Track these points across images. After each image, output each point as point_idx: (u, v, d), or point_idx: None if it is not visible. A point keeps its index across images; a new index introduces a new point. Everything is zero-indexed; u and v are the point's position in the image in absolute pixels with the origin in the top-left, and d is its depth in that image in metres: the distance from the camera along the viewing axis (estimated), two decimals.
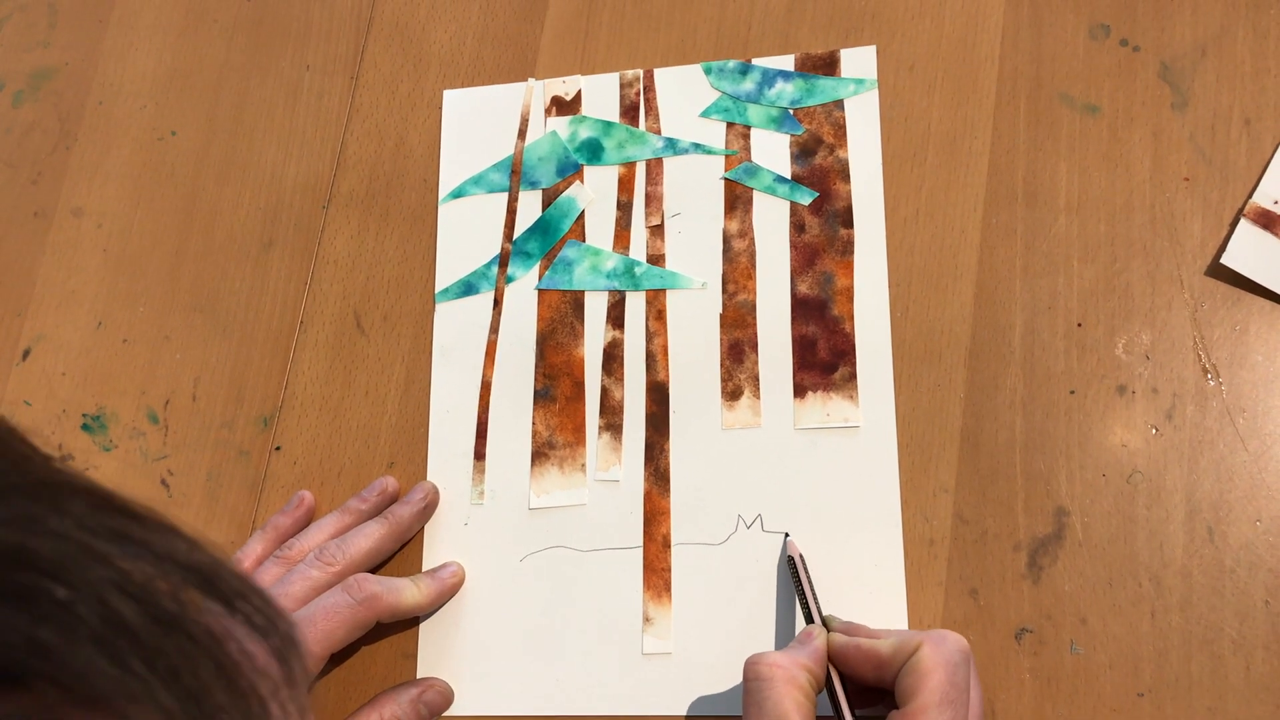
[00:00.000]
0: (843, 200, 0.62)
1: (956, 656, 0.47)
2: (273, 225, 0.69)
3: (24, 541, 0.21)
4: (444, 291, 0.65)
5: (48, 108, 0.75)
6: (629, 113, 0.66)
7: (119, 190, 0.72)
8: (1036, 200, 0.60)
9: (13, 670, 0.20)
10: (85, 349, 0.69)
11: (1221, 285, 0.57)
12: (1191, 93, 0.59)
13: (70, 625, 0.21)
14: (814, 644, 0.50)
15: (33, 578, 0.21)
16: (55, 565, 0.21)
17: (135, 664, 0.21)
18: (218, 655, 0.23)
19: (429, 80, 0.70)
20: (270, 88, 0.72)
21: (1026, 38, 0.62)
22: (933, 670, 0.46)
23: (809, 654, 0.50)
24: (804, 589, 0.54)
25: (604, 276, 0.63)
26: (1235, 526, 0.53)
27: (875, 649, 0.49)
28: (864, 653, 0.49)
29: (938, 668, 0.46)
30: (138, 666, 0.21)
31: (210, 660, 0.23)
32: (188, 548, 0.24)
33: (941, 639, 0.48)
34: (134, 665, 0.21)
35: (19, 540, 0.21)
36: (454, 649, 0.59)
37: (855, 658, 0.49)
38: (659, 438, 0.60)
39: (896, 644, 0.48)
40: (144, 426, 0.67)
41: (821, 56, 0.64)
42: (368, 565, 0.58)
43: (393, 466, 0.63)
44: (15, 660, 0.20)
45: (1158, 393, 0.56)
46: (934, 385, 0.58)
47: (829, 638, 0.51)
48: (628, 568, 0.59)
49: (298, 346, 0.66)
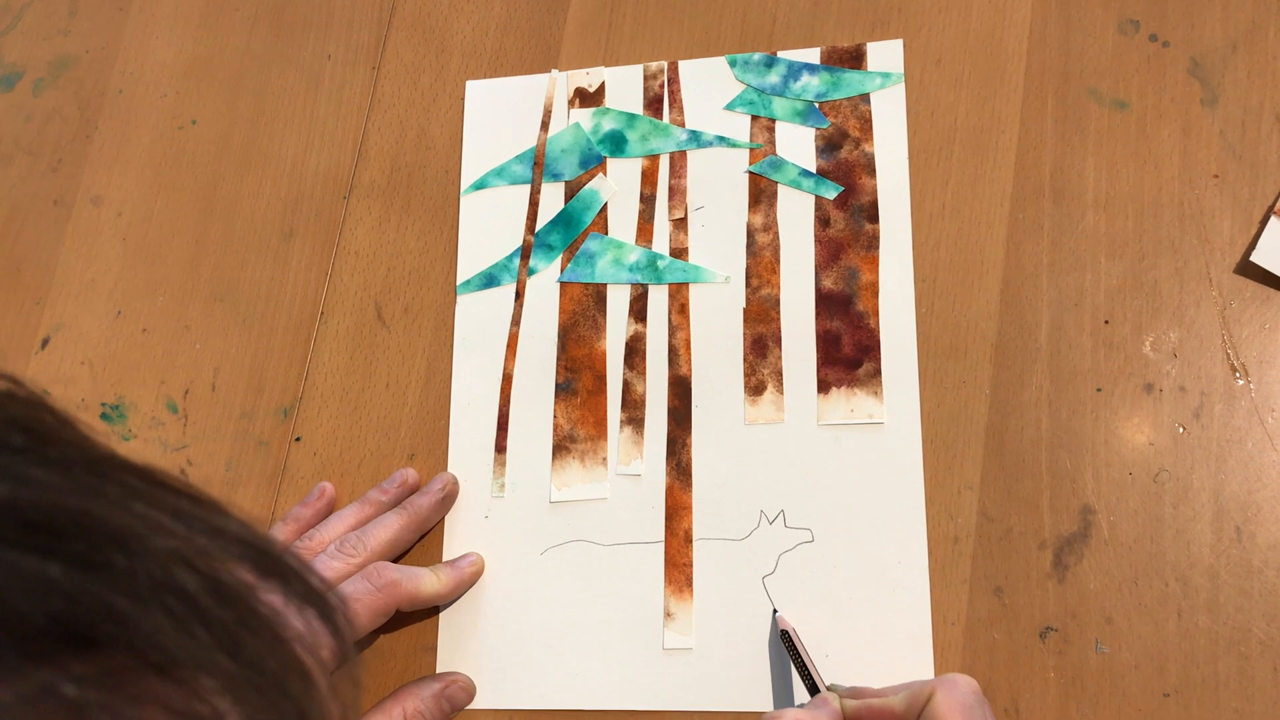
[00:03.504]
0: (868, 195, 0.61)
1: (970, 699, 0.47)
2: (293, 215, 0.69)
3: (91, 510, 0.22)
4: (465, 283, 0.65)
5: (68, 96, 0.75)
6: (653, 105, 0.66)
7: (139, 179, 0.72)
8: (1064, 196, 0.59)
9: (88, 634, 0.21)
10: (105, 338, 0.69)
11: (1251, 283, 0.56)
12: (1221, 89, 0.59)
13: (139, 592, 0.21)
14: (831, 707, 0.50)
15: (101, 545, 0.21)
16: (122, 534, 0.22)
17: (199, 631, 0.22)
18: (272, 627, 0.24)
19: (451, 71, 0.69)
20: (291, 77, 0.72)
21: (1055, 32, 0.62)
22: (949, 717, 0.46)
23: (829, 715, 0.49)
24: (804, 661, 0.53)
25: (626, 270, 0.63)
26: (1264, 526, 0.53)
27: (888, 707, 0.49)
28: (877, 712, 0.49)
29: (955, 713, 0.46)
30: (201, 634, 0.22)
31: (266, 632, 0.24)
32: (239, 526, 0.25)
33: (953, 684, 0.48)
34: (198, 633, 0.22)
35: (86, 508, 0.22)
36: (474, 642, 0.59)
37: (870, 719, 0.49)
38: (681, 432, 0.60)
39: (909, 698, 0.48)
40: (163, 416, 0.67)
41: (848, 50, 0.64)
42: (388, 556, 0.58)
43: (413, 459, 0.63)
44: (90, 624, 0.21)
45: (1185, 391, 0.55)
46: (959, 382, 0.58)
47: (841, 703, 0.50)
48: (649, 562, 0.58)
49: (318, 337, 0.66)
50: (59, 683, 0.20)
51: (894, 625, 0.55)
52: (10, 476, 0.21)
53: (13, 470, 0.22)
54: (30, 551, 0.20)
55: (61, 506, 0.22)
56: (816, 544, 0.57)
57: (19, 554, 0.20)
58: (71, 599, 0.21)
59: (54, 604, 0.20)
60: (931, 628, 0.55)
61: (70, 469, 0.22)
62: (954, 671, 0.54)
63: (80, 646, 0.21)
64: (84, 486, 0.22)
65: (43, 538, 0.21)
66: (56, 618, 0.20)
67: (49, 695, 0.20)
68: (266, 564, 0.25)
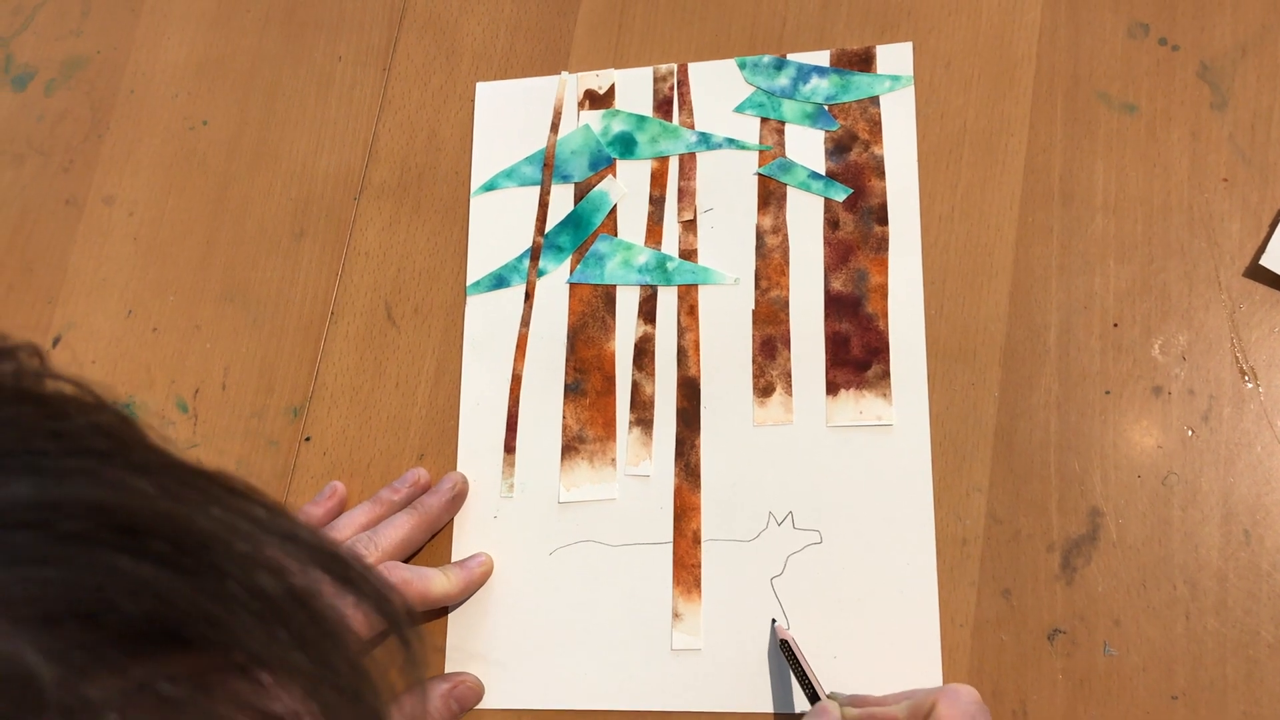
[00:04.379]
0: (877, 197, 0.61)
1: (973, 708, 0.48)
2: (304, 216, 0.69)
3: (176, 514, 0.22)
4: (475, 284, 0.65)
5: (80, 96, 0.75)
6: (662, 107, 0.66)
7: (150, 179, 0.72)
8: (1073, 199, 0.59)
9: (180, 633, 0.21)
10: (115, 337, 0.69)
11: (1260, 287, 0.56)
12: (1231, 92, 0.59)
13: (226, 594, 0.22)
14: (832, 716, 0.50)
15: (189, 548, 0.22)
16: (206, 539, 0.23)
17: (280, 633, 0.23)
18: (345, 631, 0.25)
19: (461, 72, 0.70)
20: (302, 78, 0.72)
21: (1064, 35, 0.62)
22: None
23: None
24: (804, 670, 0.53)
25: (636, 271, 0.63)
26: (1272, 530, 0.53)
27: (890, 716, 0.49)
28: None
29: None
30: (282, 635, 0.23)
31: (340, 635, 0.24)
32: (308, 533, 0.25)
33: (955, 694, 0.48)
34: (280, 634, 0.23)
35: (172, 512, 0.22)
36: (482, 642, 0.59)
37: None
38: (690, 433, 0.60)
39: (911, 708, 0.48)
40: (173, 415, 0.67)
41: (857, 52, 0.64)
42: (399, 556, 0.58)
43: (422, 458, 0.63)
44: (182, 624, 0.21)
45: (1194, 394, 0.56)
46: (968, 384, 0.58)
47: (843, 712, 0.50)
48: (658, 563, 0.59)
49: (328, 337, 0.66)
50: (156, 680, 0.20)
51: (902, 627, 0.55)
52: (101, 480, 0.22)
53: (101, 474, 0.22)
54: (125, 552, 0.21)
55: (151, 510, 0.22)
56: (825, 546, 0.57)
57: (116, 555, 0.21)
58: (164, 599, 0.21)
59: (149, 604, 0.21)
60: (940, 629, 0.55)
61: (152, 474, 0.23)
62: (962, 674, 0.54)
63: (174, 645, 0.21)
64: (167, 491, 0.23)
65: (135, 540, 0.21)
66: (152, 617, 0.21)
67: (147, 692, 0.20)
68: (337, 570, 0.25)
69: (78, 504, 0.21)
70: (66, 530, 0.21)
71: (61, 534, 0.21)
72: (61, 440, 0.22)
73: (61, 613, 0.20)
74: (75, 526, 0.21)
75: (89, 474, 0.22)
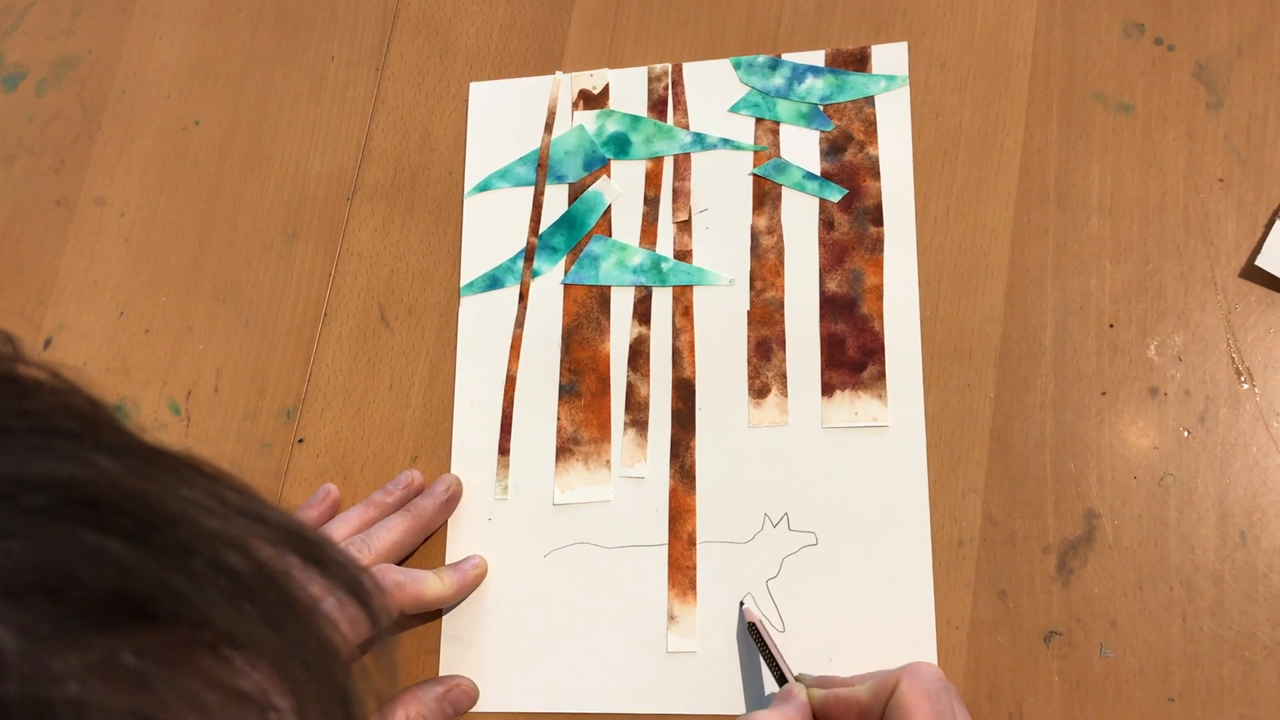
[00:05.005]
0: (873, 198, 0.61)
1: (936, 685, 0.48)
2: (296, 216, 0.69)
3: (146, 491, 0.23)
4: (469, 285, 0.65)
5: (71, 96, 0.75)
6: (657, 107, 0.66)
7: (142, 180, 0.72)
8: (1068, 200, 0.59)
9: (147, 608, 0.21)
10: (107, 339, 0.69)
11: (1256, 288, 0.56)
12: (1227, 92, 0.59)
13: (193, 570, 0.22)
14: (798, 700, 0.50)
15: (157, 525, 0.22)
16: (174, 516, 0.23)
17: (248, 609, 0.23)
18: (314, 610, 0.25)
19: (455, 72, 0.69)
20: (295, 78, 0.72)
21: (1059, 35, 0.61)
22: (916, 705, 0.47)
23: (795, 709, 0.50)
24: (771, 651, 0.53)
25: (630, 272, 0.63)
26: (1268, 531, 0.53)
27: (854, 696, 0.49)
28: (844, 702, 0.49)
29: (921, 702, 0.47)
30: (250, 611, 0.23)
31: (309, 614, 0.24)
32: (280, 514, 0.26)
33: (917, 672, 0.48)
34: (247, 610, 0.23)
35: (142, 489, 0.22)
36: (476, 645, 0.59)
37: (837, 709, 0.50)
38: (685, 435, 0.60)
39: (874, 687, 0.49)
40: (165, 417, 0.67)
41: (852, 52, 0.64)
42: (393, 559, 0.58)
43: (416, 461, 0.63)
44: (149, 599, 0.21)
45: (1190, 395, 0.55)
46: (964, 385, 0.58)
47: (808, 693, 0.51)
48: (652, 565, 0.58)
49: (321, 339, 0.66)
50: (121, 652, 0.21)
51: (898, 629, 0.55)
52: (68, 457, 0.22)
53: (70, 452, 0.22)
54: (90, 527, 0.21)
55: (119, 486, 0.22)
56: (820, 547, 0.57)
57: (81, 529, 0.21)
58: (131, 574, 0.21)
59: (115, 578, 0.21)
60: (935, 631, 0.54)
61: (121, 454, 0.23)
62: (958, 676, 0.53)
63: (140, 619, 0.21)
64: (137, 470, 0.23)
65: (101, 515, 0.21)
66: (118, 591, 0.21)
67: (112, 664, 0.20)
68: (307, 550, 0.26)
69: (43, 479, 0.21)
70: (31, 504, 0.21)
71: (26, 508, 0.21)
72: (30, 418, 0.23)
73: (25, 586, 0.20)
74: (40, 500, 0.21)
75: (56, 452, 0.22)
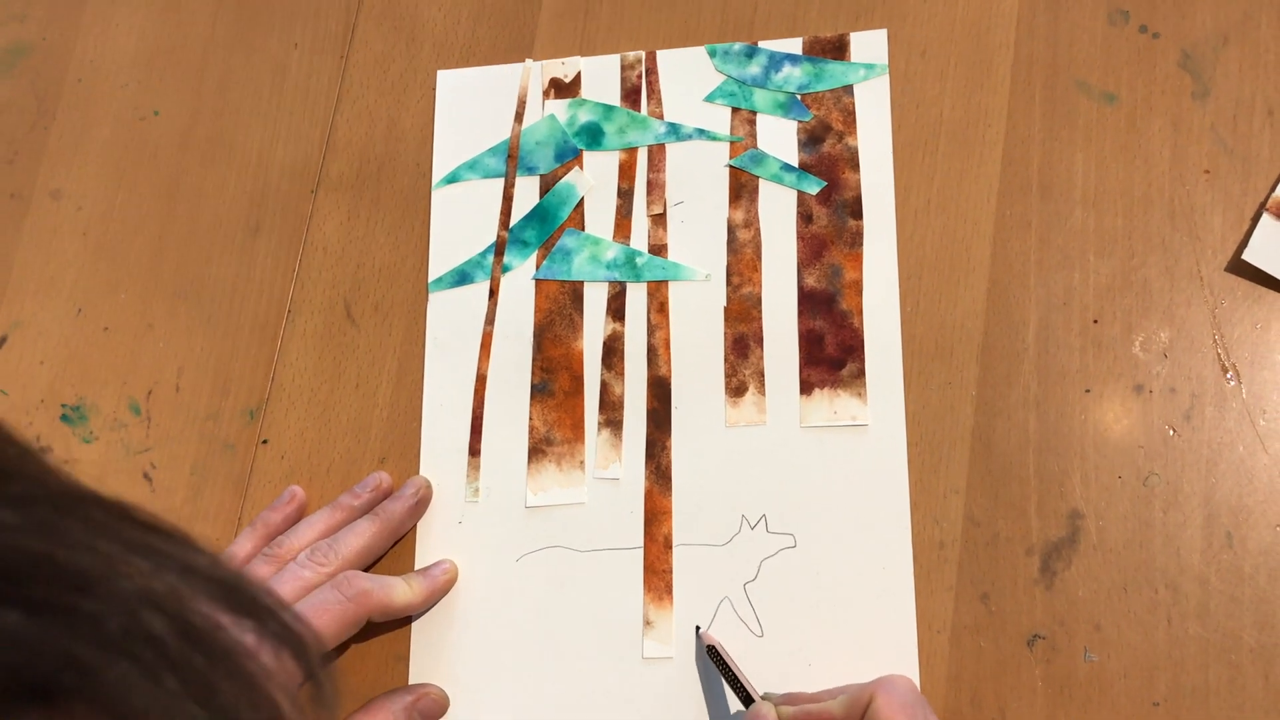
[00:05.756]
0: (852, 190, 0.60)
1: (910, 697, 0.47)
2: (259, 210, 0.67)
3: (52, 552, 0.21)
4: (437, 281, 0.63)
5: (24, 85, 0.72)
6: (630, 96, 0.64)
7: (99, 172, 0.70)
8: (1052, 192, 0.58)
9: (48, 687, 0.20)
10: (64, 337, 0.67)
11: (1242, 282, 0.55)
12: (1213, 82, 0.58)
13: (103, 640, 0.20)
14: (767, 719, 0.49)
15: (63, 590, 0.20)
16: (85, 578, 0.21)
17: (168, 680, 0.21)
18: (245, 671, 0.23)
19: (422, 60, 0.67)
20: (257, 66, 0.70)
21: (1043, 23, 0.60)
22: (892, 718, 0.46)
23: None
24: (734, 674, 0.52)
25: (604, 267, 0.61)
26: (1255, 531, 0.52)
27: (827, 711, 0.48)
28: (817, 719, 0.48)
29: (897, 715, 0.46)
30: (170, 682, 0.21)
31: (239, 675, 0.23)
32: (209, 562, 0.24)
33: (891, 685, 0.47)
34: (167, 681, 0.21)
35: (47, 550, 0.21)
36: (447, 652, 0.57)
37: None
38: (660, 435, 0.58)
39: (848, 702, 0.48)
40: (126, 418, 0.65)
41: (830, 40, 0.62)
42: (360, 564, 0.56)
43: (384, 462, 0.61)
44: (51, 677, 0.20)
45: (1176, 392, 0.54)
46: (945, 383, 0.56)
47: (777, 711, 0.50)
48: (628, 569, 0.57)
49: (285, 336, 0.64)
50: None
51: (878, 633, 0.54)
52: None
53: None
54: None
55: (20, 549, 0.20)
56: (799, 549, 0.55)
57: None
58: (32, 649, 0.19)
59: (12, 655, 0.19)
60: (917, 635, 0.53)
61: (31, 506, 0.21)
62: (940, 680, 0.52)
63: (39, 699, 0.19)
64: (45, 526, 0.21)
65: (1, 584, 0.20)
66: (14, 670, 0.19)
67: None
68: (239, 601, 0.24)
69: None
70: None
71: None
72: None
73: None
74: None
75: None
